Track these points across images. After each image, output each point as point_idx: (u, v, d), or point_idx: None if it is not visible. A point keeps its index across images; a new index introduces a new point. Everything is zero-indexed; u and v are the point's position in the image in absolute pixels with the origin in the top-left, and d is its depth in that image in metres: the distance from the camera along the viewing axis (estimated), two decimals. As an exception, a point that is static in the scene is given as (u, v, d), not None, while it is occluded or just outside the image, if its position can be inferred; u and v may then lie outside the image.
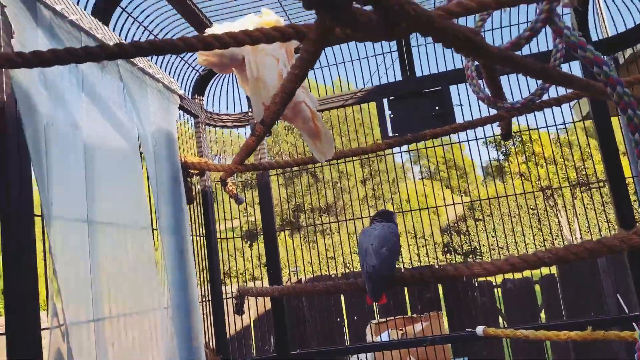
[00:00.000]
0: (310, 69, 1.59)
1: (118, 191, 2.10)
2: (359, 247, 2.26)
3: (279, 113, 1.91)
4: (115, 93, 2.23)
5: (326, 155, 2.28)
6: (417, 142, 2.76)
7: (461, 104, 3.19)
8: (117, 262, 2.03)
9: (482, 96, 2.44)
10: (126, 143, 2.23)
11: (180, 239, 2.49)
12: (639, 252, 3.01)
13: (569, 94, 2.45)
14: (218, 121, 3.30)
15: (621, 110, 1.67)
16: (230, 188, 3.20)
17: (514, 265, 1.79)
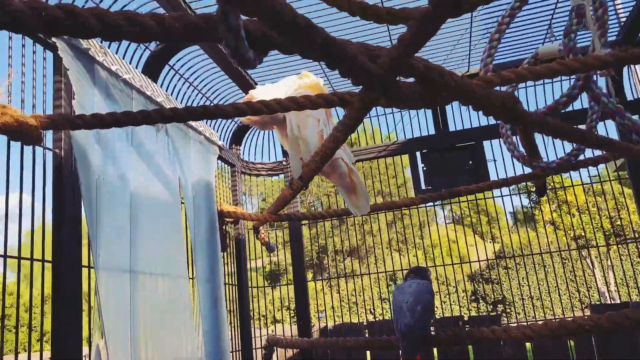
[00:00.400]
0: (351, 132, 1.65)
1: (159, 241, 2.16)
2: (393, 304, 2.26)
3: (318, 170, 1.96)
4: (161, 145, 2.33)
5: (362, 210, 2.31)
6: (451, 198, 2.77)
7: (495, 159, 3.21)
8: (155, 310, 2.07)
9: (516, 155, 2.46)
10: (169, 193, 2.31)
11: (215, 287, 2.53)
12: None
13: (606, 154, 2.45)
14: (253, 170, 3.39)
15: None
16: (262, 236, 3.25)
17: (553, 331, 1.76)
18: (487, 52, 2.19)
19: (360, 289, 16.04)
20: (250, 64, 1.09)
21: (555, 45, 2.48)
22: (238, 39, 0.98)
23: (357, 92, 1.49)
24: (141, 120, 1.51)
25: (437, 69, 1.31)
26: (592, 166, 2.43)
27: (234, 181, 3.18)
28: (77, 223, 1.74)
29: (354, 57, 1.09)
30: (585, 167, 2.44)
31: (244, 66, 1.03)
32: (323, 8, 2.36)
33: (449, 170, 3.14)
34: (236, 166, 3.21)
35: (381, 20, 1.76)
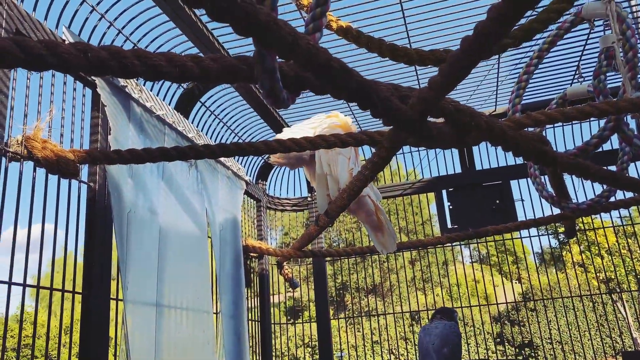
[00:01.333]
0: (379, 171, 1.66)
1: (186, 275, 2.18)
2: (419, 345, 2.21)
3: (345, 207, 1.97)
4: (190, 180, 2.37)
5: (389, 248, 2.30)
6: (479, 237, 2.74)
7: (522, 199, 3.17)
8: (179, 343, 2.07)
9: (545, 195, 2.43)
10: (197, 227, 2.34)
11: (238, 323, 2.52)
12: None
13: (638, 196, 2.40)
14: (278, 205, 3.41)
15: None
16: (286, 271, 3.24)
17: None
18: (515, 92, 2.20)
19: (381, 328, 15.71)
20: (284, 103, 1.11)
21: (584, 86, 2.47)
22: (274, 81, 1.01)
23: (387, 131, 1.51)
24: (175, 156, 1.55)
25: (467, 110, 1.32)
26: (623, 208, 2.38)
27: (259, 216, 3.20)
28: (108, 255, 1.76)
29: (387, 99, 1.11)
30: (616, 209, 2.40)
31: (277, 106, 1.06)
32: (352, 48, 2.41)
33: (476, 209, 3.10)
34: (262, 201, 3.24)
35: (411, 63, 1.80)
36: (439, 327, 2.19)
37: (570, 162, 1.79)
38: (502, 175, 3.13)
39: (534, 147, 1.57)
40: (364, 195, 2.24)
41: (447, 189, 3.22)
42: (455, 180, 3.24)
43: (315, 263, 3.38)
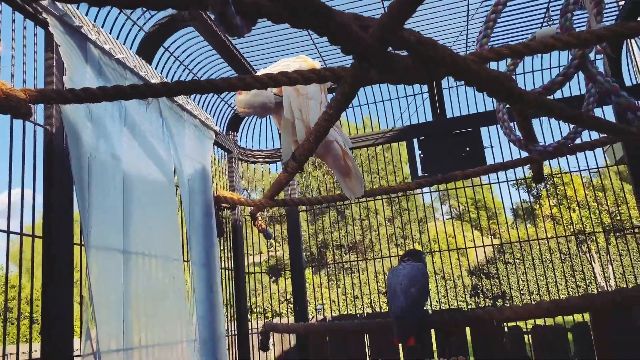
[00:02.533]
0: (344, 109, 1.63)
1: (153, 222, 2.16)
2: (387, 287, 2.25)
3: (312, 150, 1.95)
4: (155, 127, 2.31)
5: (356, 193, 2.30)
6: (447, 182, 2.76)
7: (492, 145, 3.20)
8: (149, 292, 2.06)
9: (513, 139, 2.44)
10: (163, 176, 2.30)
11: (210, 272, 2.52)
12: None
13: (603, 138, 2.43)
14: (250, 157, 3.38)
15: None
16: (259, 222, 3.24)
17: (547, 310, 1.75)
18: (482, 32, 2.17)
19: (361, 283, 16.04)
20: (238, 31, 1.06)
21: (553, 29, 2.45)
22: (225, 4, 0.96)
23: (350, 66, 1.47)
24: (132, 95, 1.50)
25: (430, 41, 1.29)
26: (588, 150, 2.41)
27: (230, 167, 3.17)
28: (68, 199, 1.73)
29: (346, 25, 1.07)
30: (581, 151, 2.43)
31: (231, 33, 1.01)
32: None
33: (447, 157, 3.12)
34: (233, 152, 3.20)
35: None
36: (407, 268, 2.21)
37: (536, 100, 1.79)
38: (473, 123, 3.14)
39: (499, 82, 1.56)
40: (332, 140, 2.22)
41: (418, 137, 3.22)
42: (426, 129, 3.24)
43: (289, 213, 3.39)
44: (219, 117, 3.21)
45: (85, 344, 1.67)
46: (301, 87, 2.16)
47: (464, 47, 3.25)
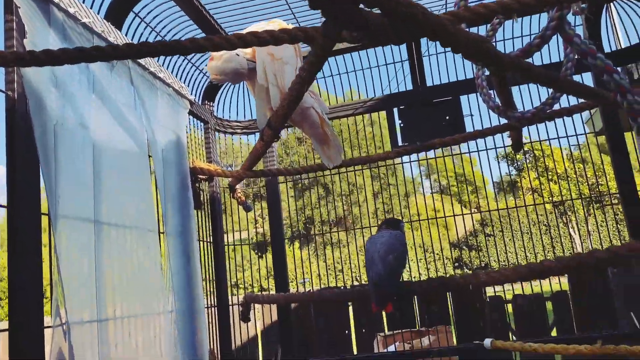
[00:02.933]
0: (317, 72, 1.59)
1: (126, 193, 2.11)
2: (366, 255, 2.24)
3: (287, 116, 1.91)
4: (125, 95, 2.24)
5: (334, 161, 2.28)
6: (427, 151, 2.74)
7: (472, 114, 3.18)
8: (122, 263, 2.03)
9: (492, 105, 2.42)
10: (135, 145, 2.24)
11: (187, 243, 2.49)
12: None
13: (581, 104, 2.43)
14: (228, 127, 3.32)
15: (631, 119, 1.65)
16: (238, 194, 3.20)
17: (521, 274, 1.76)
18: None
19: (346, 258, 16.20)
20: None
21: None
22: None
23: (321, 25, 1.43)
24: (95, 57, 1.43)
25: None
26: (567, 116, 2.41)
27: (207, 138, 3.11)
28: (33, 168, 1.67)
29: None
30: (560, 117, 2.42)
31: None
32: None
33: (427, 126, 3.10)
34: (209, 123, 3.14)
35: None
36: (385, 236, 2.21)
37: (513, 62, 1.76)
38: (453, 91, 3.11)
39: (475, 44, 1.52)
40: (309, 107, 2.18)
41: (398, 106, 3.19)
42: (406, 98, 3.21)
43: (268, 184, 3.35)
44: (194, 87, 3.13)
45: (55, 317, 1.64)
46: (276, 51, 2.10)
47: (442, 10, 3.20)
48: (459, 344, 4.74)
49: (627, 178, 3.10)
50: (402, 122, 3.17)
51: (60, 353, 1.64)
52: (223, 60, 2.12)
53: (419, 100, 3.16)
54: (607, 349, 2.29)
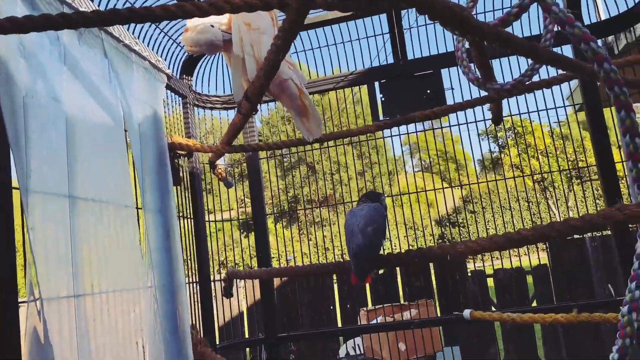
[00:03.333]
0: (292, 40, 1.56)
1: (101, 167, 2.07)
2: (346, 228, 2.24)
3: (264, 88, 1.88)
4: (99, 68, 2.19)
5: (314, 134, 2.26)
6: (407, 124, 2.74)
7: (452, 87, 3.17)
8: (99, 239, 2.00)
9: (471, 77, 2.42)
10: (110, 119, 2.20)
11: (166, 219, 2.46)
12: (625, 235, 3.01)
13: (560, 75, 2.43)
14: (207, 102, 3.27)
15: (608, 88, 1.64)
16: (219, 171, 3.18)
17: (499, 244, 1.77)
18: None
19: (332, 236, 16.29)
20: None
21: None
22: None
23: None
24: (62, 24, 1.39)
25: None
26: (546, 87, 2.41)
27: (185, 113, 3.06)
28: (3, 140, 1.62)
29: None
30: (539, 89, 2.42)
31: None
32: None
33: (408, 100, 3.09)
34: (188, 98, 3.08)
35: None
36: (365, 209, 2.21)
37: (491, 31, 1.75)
38: (434, 64, 3.10)
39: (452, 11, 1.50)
40: (287, 79, 2.15)
41: (379, 80, 3.17)
42: (387, 72, 3.19)
43: (249, 160, 3.33)
44: (171, 61, 3.07)
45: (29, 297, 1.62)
46: (252, 21, 2.06)
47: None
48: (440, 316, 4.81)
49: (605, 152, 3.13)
50: (383, 96, 3.15)
51: (35, 330, 1.62)
52: (197, 32, 2.07)
53: (400, 73, 3.14)
54: (582, 317, 2.33)
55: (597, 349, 5.48)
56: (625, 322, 1.47)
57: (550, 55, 2.03)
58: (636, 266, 1.52)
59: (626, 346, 1.49)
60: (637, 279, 1.52)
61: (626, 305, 1.48)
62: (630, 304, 1.50)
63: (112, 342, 2.01)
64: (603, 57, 1.67)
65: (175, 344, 2.32)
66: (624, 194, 3.50)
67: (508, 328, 6.36)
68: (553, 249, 6.38)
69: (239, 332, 6.47)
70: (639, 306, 1.51)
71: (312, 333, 3.64)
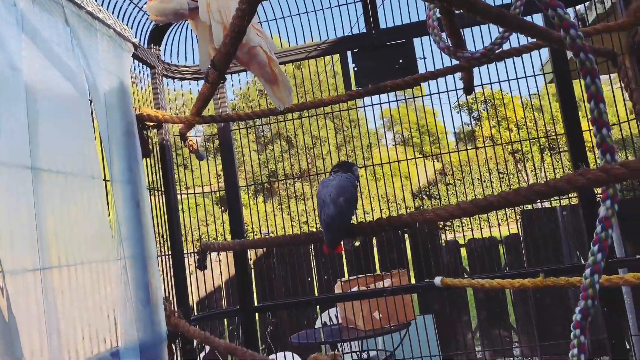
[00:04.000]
0: (258, 3, 1.53)
1: (65, 138, 2.02)
2: (318, 198, 2.25)
3: (230, 55, 1.84)
4: (60, 36, 2.11)
5: (285, 102, 2.24)
6: (380, 94, 2.73)
7: (425, 57, 3.16)
8: (65, 211, 1.97)
9: (442, 46, 2.41)
10: (74, 89, 2.13)
11: (135, 190, 2.43)
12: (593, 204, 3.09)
13: (530, 44, 2.44)
14: (176, 73, 3.20)
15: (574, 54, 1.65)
16: (190, 143, 3.13)
17: (466, 210, 1.80)
18: None
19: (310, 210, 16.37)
20: None
21: None
22: None
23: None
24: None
25: None
26: (515, 56, 2.42)
27: (154, 84, 2.99)
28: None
29: None
30: (509, 57, 2.43)
31: None
32: None
33: (380, 69, 3.07)
34: (156, 68, 3.01)
35: None
36: (336, 179, 2.21)
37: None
38: (406, 34, 3.07)
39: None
40: (255, 46, 2.12)
41: (352, 50, 3.14)
42: (359, 41, 3.15)
43: (221, 132, 3.29)
44: (138, 29, 2.97)
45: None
46: (219, -13, 2.01)
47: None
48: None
49: (573, 121, 3.18)
50: (355, 66, 3.13)
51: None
52: (161, 0, 2.01)
53: (373, 43, 3.11)
54: (548, 281, 2.40)
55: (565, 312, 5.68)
56: (588, 284, 1.52)
57: (518, 22, 2.03)
58: (599, 230, 1.56)
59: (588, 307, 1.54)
60: (599, 242, 1.56)
61: (589, 267, 1.52)
62: (593, 267, 1.54)
63: (81, 314, 1.99)
64: (569, 23, 1.68)
65: (148, 316, 2.32)
66: (594, 165, 3.57)
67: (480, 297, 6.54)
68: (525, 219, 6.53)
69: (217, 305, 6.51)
70: (601, 268, 1.56)
71: (287, 302, 3.67)
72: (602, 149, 1.47)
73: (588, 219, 3.18)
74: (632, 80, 2.86)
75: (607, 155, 1.46)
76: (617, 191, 1.54)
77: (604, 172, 1.26)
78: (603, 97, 1.47)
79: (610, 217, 1.53)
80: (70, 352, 1.91)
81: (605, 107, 1.47)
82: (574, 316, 1.55)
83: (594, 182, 1.51)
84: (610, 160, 1.46)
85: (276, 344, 6.55)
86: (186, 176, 5.72)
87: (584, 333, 1.54)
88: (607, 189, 1.51)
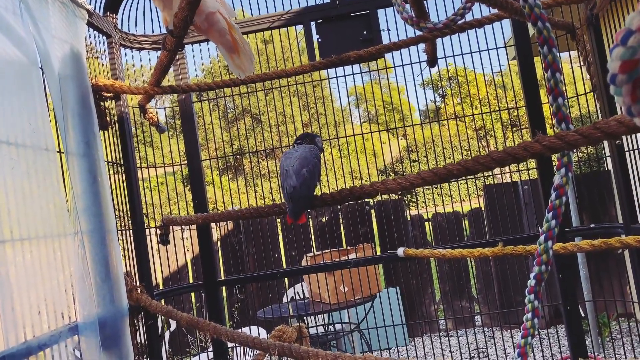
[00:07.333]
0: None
1: (14, 108, 1.93)
2: (280, 169, 2.23)
3: (188, 20, 1.78)
4: (7, 1, 2.00)
5: (246, 70, 2.19)
6: (343, 65, 2.71)
7: (389, 28, 3.14)
8: (17, 183, 1.89)
9: (405, 16, 2.40)
10: (23, 57, 2.03)
11: (92, 163, 2.35)
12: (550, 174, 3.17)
13: (491, 15, 2.45)
14: (135, 42, 3.08)
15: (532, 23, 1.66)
16: (150, 115, 3.06)
17: (426, 179, 1.81)
18: None
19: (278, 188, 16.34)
20: None
21: None
22: None
23: None
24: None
25: None
26: (477, 27, 2.43)
27: (111, 53, 2.88)
28: None
29: None
30: (472, 29, 2.44)
31: None
32: None
33: (344, 41, 3.04)
34: (113, 37, 2.89)
35: None
36: (299, 150, 2.20)
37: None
38: (370, 4, 3.04)
39: None
40: (214, 12, 2.06)
41: (315, 20, 3.09)
42: (323, 11, 3.11)
43: (182, 105, 3.21)
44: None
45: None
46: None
47: None
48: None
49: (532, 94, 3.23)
50: (319, 37, 3.09)
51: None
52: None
53: (336, 14, 3.07)
54: (507, 250, 2.46)
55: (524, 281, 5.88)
56: (542, 250, 1.56)
57: (479, -8, 2.03)
58: (553, 197, 1.60)
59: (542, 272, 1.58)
60: (553, 209, 1.60)
61: (543, 234, 1.56)
62: (547, 233, 1.59)
63: (37, 290, 1.94)
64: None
65: (107, 290, 2.28)
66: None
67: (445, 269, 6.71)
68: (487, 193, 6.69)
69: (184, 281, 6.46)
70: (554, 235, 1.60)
71: (253, 276, 3.67)
72: (557, 117, 1.50)
73: (547, 191, 3.26)
74: (589, 53, 2.92)
75: (562, 124, 1.48)
76: (571, 159, 1.57)
77: (559, 139, 1.28)
78: (560, 67, 1.48)
79: (565, 184, 1.57)
80: (26, 328, 1.87)
81: (561, 77, 1.48)
82: (529, 282, 1.59)
83: (549, 148, 1.54)
84: (565, 128, 1.49)
85: (244, 320, 6.57)
86: (154, 154, 5.60)
87: (538, 297, 1.59)
88: (562, 157, 1.54)
